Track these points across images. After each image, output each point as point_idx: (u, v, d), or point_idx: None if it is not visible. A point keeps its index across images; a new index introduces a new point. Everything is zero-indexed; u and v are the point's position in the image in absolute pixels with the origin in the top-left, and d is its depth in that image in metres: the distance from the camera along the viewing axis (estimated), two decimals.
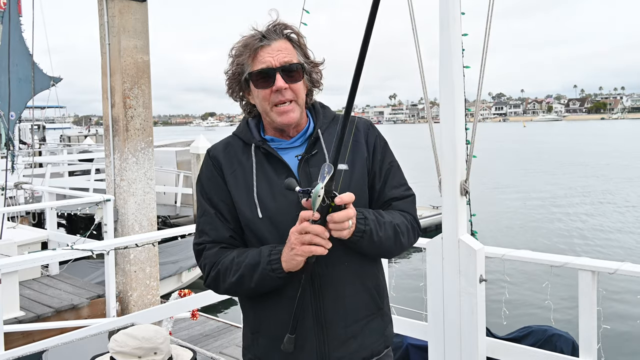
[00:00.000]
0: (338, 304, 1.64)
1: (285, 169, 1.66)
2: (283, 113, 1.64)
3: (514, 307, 8.26)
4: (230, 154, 1.73)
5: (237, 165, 1.70)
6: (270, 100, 1.64)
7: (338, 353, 1.64)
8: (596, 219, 17.93)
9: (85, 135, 31.94)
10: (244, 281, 1.60)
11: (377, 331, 1.72)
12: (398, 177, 1.80)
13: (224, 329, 5.44)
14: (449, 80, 2.62)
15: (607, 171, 31.52)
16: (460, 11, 2.65)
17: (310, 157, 1.68)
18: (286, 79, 1.62)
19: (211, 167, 1.73)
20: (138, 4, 6.47)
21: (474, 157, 2.76)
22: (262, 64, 1.62)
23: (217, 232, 1.68)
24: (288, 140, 1.71)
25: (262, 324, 1.69)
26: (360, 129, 1.76)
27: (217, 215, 1.68)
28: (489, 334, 3.27)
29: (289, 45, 1.66)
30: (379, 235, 1.61)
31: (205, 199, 1.72)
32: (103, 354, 2.00)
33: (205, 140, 17.12)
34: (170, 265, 9.49)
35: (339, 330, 1.64)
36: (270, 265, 1.55)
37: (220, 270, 1.64)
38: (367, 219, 1.59)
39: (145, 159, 6.56)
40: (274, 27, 1.65)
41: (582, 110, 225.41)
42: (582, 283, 2.87)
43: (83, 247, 3.96)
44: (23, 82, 7.83)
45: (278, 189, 1.62)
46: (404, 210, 1.76)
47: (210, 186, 1.71)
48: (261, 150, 1.69)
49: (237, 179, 1.68)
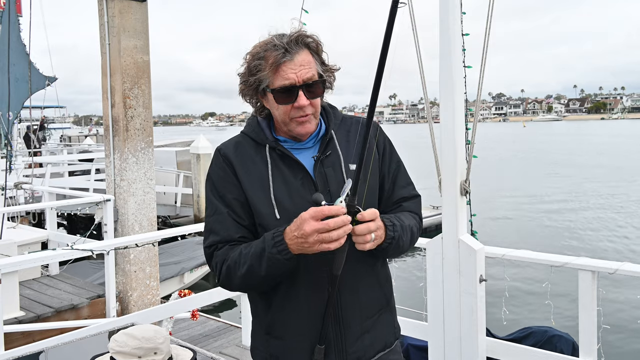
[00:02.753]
0: (354, 300, 1.67)
1: (302, 169, 1.66)
2: (301, 124, 1.65)
3: (514, 307, 8.27)
4: (242, 152, 1.71)
5: (251, 165, 1.68)
6: (290, 114, 1.64)
7: (354, 347, 1.67)
8: (596, 219, 17.92)
9: (85, 135, 31.95)
10: (254, 271, 1.57)
11: (388, 324, 1.78)
12: (405, 177, 1.84)
13: (224, 329, 5.44)
14: (449, 80, 2.62)
15: (607, 171, 31.51)
16: (460, 11, 2.65)
17: (324, 158, 1.69)
18: (308, 96, 1.62)
19: (223, 165, 1.70)
20: (138, 4, 6.47)
21: (474, 157, 2.76)
22: (285, 80, 1.60)
23: (228, 232, 1.66)
24: (300, 141, 1.72)
25: (279, 326, 1.68)
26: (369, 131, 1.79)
27: (230, 214, 1.66)
28: (489, 334, 3.27)
29: (310, 56, 1.65)
30: (403, 240, 1.66)
31: (217, 198, 1.69)
32: (103, 354, 2.00)
33: (205, 140, 17.12)
34: (173, 266, 9.48)
35: (355, 326, 1.67)
36: (275, 247, 1.52)
37: (230, 266, 1.62)
38: (395, 225, 1.63)
39: (145, 159, 6.56)
40: (297, 38, 1.62)
41: (582, 110, 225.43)
42: (582, 283, 2.87)
43: (83, 247, 3.97)
44: (20, 82, 7.82)
45: (295, 190, 1.64)
46: (413, 211, 1.81)
47: (222, 184, 1.69)
48: (276, 151, 1.68)
49: (252, 178, 1.66)
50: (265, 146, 1.70)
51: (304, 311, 1.64)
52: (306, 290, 1.63)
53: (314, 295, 1.62)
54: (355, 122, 1.81)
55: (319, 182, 1.65)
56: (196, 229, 4.93)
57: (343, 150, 1.71)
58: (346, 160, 1.69)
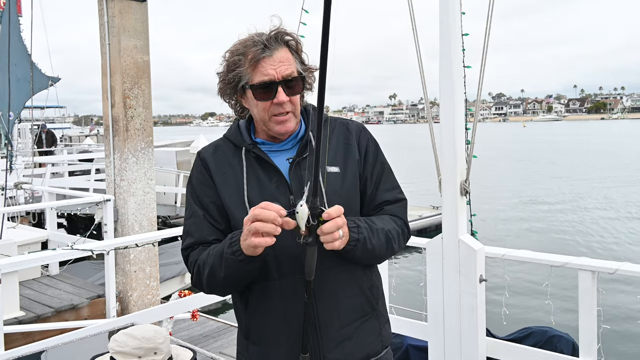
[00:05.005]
0: (332, 305, 1.63)
1: (277, 172, 1.65)
2: (281, 123, 1.64)
3: (514, 307, 8.26)
4: (220, 156, 1.72)
5: (228, 168, 1.69)
6: (269, 111, 1.63)
7: (333, 355, 1.63)
8: (596, 219, 17.92)
9: (85, 135, 31.94)
10: (215, 272, 1.58)
11: (373, 332, 1.71)
12: (390, 180, 1.79)
13: (224, 329, 5.44)
14: (449, 80, 2.62)
15: (607, 171, 31.51)
16: (460, 11, 2.65)
17: (301, 160, 1.67)
18: (287, 92, 1.61)
19: (201, 169, 1.73)
20: (138, 4, 6.47)
21: (474, 157, 2.76)
22: (264, 75, 1.59)
23: (202, 234, 1.68)
24: (279, 143, 1.70)
25: (254, 331, 1.69)
26: (352, 131, 1.76)
27: (206, 217, 1.68)
28: (489, 334, 3.27)
29: (289, 54, 1.64)
30: (372, 243, 1.60)
31: (195, 201, 1.71)
32: (103, 354, 2.00)
33: (205, 141, 17.13)
34: (174, 266, 9.46)
35: (333, 332, 1.63)
36: (230, 248, 1.53)
37: (200, 266, 1.64)
38: (360, 227, 1.58)
39: (145, 159, 6.56)
40: (276, 35, 1.62)
41: (582, 110, 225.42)
42: (582, 283, 2.86)
43: (83, 247, 3.96)
44: (22, 82, 7.81)
45: (269, 193, 1.62)
46: (395, 215, 1.75)
47: (200, 188, 1.71)
48: (252, 153, 1.68)
49: (228, 182, 1.67)
50: (242, 149, 1.70)
51: (279, 317, 1.62)
52: (280, 296, 1.62)
53: (289, 302, 1.61)
54: (340, 123, 1.78)
55: (294, 185, 1.63)
56: None
57: None
58: None
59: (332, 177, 1.65)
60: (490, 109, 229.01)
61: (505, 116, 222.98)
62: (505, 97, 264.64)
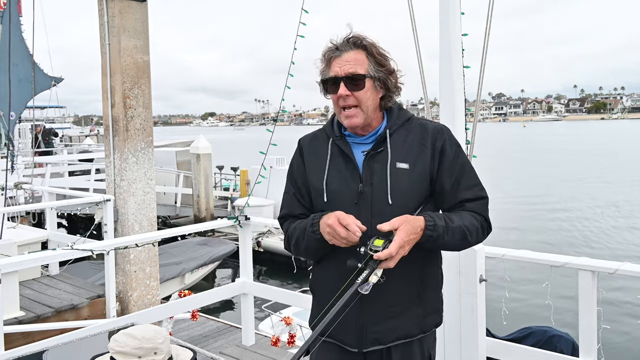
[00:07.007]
0: (384, 287, 1.78)
1: (352, 163, 1.92)
2: (347, 117, 1.90)
3: (514, 307, 8.26)
4: (313, 144, 2.04)
5: (317, 155, 2.00)
6: (337, 104, 1.91)
7: (377, 327, 1.88)
8: (596, 219, 17.92)
9: (85, 135, 31.96)
10: (299, 242, 1.95)
11: (416, 317, 1.91)
12: (471, 178, 1.95)
13: (224, 329, 5.44)
14: (449, 80, 2.62)
15: (608, 171, 31.50)
16: (460, 11, 2.65)
17: (375, 154, 1.90)
18: (349, 87, 1.86)
19: (298, 154, 2.07)
20: (138, 4, 6.47)
21: (474, 157, 2.76)
22: (332, 72, 1.89)
23: (290, 208, 2.06)
24: (362, 137, 1.95)
25: (315, 287, 2.03)
26: (429, 132, 1.93)
27: (295, 195, 2.04)
28: (489, 334, 3.27)
29: (362, 55, 1.88)
30: (445, 239, 1.82)
31: (291, 179, 2.07)
32: (103, 354, 2.00)
33: (205, 141, 17.10)
34: (174, 267, 9.46)
35: (380, 309, 1.87)
36: (312, 227, 1.87)
37: (289, 236, 2.02)
38: (437, 225, 1.80)
39: (145, 159, 6.56)
40: (347, 39, 1.89)
41: (582, 110, 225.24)
42: (582, 283, 2.86)
43: (83, 247, 3.96)
44: (23, 82, 7.82)
45: (344, 180, 1.91)
46: (475, 212, 1.92)
47: (295, 169, 2.06)
48: (337, 144, 1.96)
49: (315, 166, 1.99)
50: (330, 139, 1.99)
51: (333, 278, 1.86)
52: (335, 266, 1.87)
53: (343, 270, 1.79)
54: (419, 124, 1.96)
55: (365, 175, 1.89)
56: (196, 229, 4.91)
57: (395, 149, 1.89)
58: (394, 158, 1.87)
59: (400, 172, 1.87)
60: (490, 109, 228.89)
61: (505, 116, 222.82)
62: (505, 97, 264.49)
